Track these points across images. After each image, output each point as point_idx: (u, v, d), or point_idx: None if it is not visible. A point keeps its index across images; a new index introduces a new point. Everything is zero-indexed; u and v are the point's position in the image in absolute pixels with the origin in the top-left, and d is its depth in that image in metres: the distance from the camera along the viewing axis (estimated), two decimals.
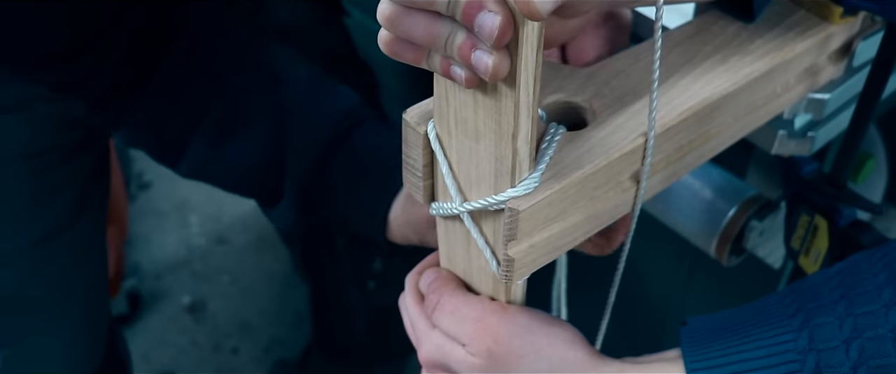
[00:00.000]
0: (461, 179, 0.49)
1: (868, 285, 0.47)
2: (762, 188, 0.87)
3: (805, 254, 0.76)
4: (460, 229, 0.52)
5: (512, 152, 0.45)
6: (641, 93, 0.54)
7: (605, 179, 0.51)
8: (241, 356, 1.72)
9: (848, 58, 0.67)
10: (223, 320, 1.79)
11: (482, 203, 0.48)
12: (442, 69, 0.42)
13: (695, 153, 0.57)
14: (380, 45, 0.42)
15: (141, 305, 1.80)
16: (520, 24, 0.39)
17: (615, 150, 0.50)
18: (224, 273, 1.88)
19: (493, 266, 0.50)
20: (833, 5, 0.61)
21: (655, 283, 1.09)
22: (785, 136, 0.74)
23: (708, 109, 0.55)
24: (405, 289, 0.59)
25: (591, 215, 0.52)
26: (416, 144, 0.50)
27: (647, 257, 1.05)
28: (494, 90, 0.43)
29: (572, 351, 0.51)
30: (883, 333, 0.45)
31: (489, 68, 0.39)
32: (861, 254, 0.50)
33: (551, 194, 0.48)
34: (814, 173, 0.74)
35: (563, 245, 0.51)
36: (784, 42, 0.60)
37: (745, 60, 0.58)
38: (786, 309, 0.48)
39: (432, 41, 0.40)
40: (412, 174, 0.52)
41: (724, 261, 0.85)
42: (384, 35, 0.42)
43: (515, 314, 0.52)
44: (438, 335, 0.54)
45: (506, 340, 0.51)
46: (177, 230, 1.98)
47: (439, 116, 0.48)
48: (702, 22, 0.61)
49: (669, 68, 0.56)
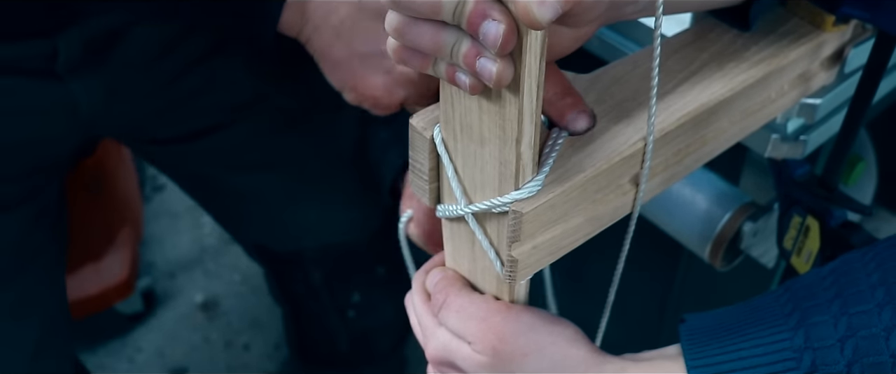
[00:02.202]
0: (466, 183, 0.49)
1: (861, 285, 0.47)
2: (755, 190, 0.87)
3: (797, 254, 0.75)
4: (465, 230, 0.51)
5: (516, 157, 0.45)
6: (640, 99, 0.54)
7: (606, 182, 0.51)
8: (253, 353, 1.71)
9: (840, 64, 0.66)
10: (235, 317, 1.78)
11: (487, 205, 0.47)
12: (448, 76, 0.41)
13: (692, 157, 0.57)
14: (389, 52, 0.42)
15: (155, 302, 1.80)
16: (523, 34, 0.39)
17: (615, 154, 0.50)
18: (235, 272, 1.87)
19: (497, 267, 0.50)
20: (825, 14, 0.61)
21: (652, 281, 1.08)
22: (778, 139, 0.74)
23: (705, 114, 0.55)
24: (412, 288, 0.59)
25: (592, 217, 0.51)
26: (422, 149, 0.50)
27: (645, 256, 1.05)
28: (499, 97, 0.43)
29: (575, 349, 0.51)
30: (876, 331, 0.44)
31: (493, 75, 0.39)
32: (853, 253, 0.50)
33: (554, 197, 0.48)
34: (806, 176, 0.74)
35: (565, 246, 0.51)
36: (778, 49, 0.59)
37: (741, 67, 0.57)
38: (782, 308, 0.48)
39: (438, 49, 0.40)
40: (418, 177, 0.52)
41: (718, 265, 0.85)
42: (392, 43, 0.42)
43: (519, 313, 0.52)
44: (444, 333, 0.54)
45: (510, 338, 0.51)
46: (190, 231, 1.98)
47: (445, 122, 0.47)
48: (699, 30, 0.61)
49: (668, 75, 0.56)
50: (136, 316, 1.75)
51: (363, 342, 1.35)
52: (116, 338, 1.72)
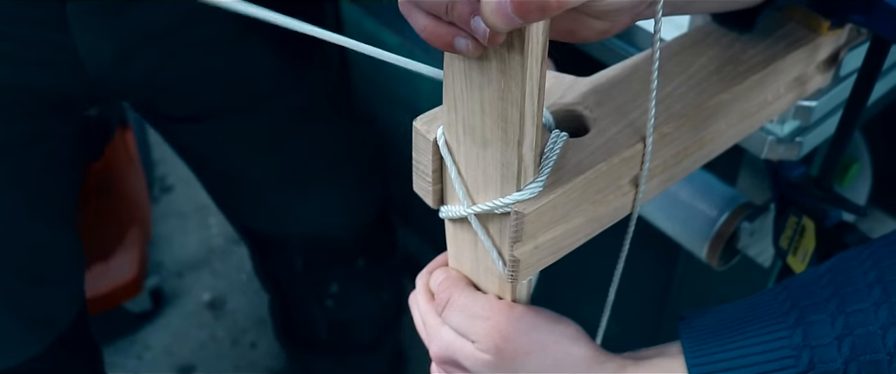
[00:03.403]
0: (469, 184, 0.49)
1: (858, 284, 0.46)
2: (752, 191, 0.86)
3: (793, 253, 0.75)
4: (468, 230, 0.51)
5: (517, 159, 0.44)
6: (640, 101, 0.53)
7: (606, 183, 0.51)
8: (259, 350, 1.71)
9: (835, 68, 0.66)
10: (241, 315, 1.78)
11: (489, 206, 0.47)
12: (447, 42, 0.40)
13: (691, 158, 0.57)
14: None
15: (163, 301, 1.80)
16: (526, 38, 0.39)
17: (615, 155, 0.50)
18: (242, 271, 1.87)
19: (500, 266, 0.50)
20: (821, 18, 0.60)
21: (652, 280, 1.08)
22: (774, 141, 0.74)
23: (703, 116, 0.55)
24: (416, 287, 0.59)
25: (592, 218, 0.51)
26: (426, 151, 0.50)
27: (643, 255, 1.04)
28: (501, 100, 0.42)
29: (576, 347, 0.51)
30: (873, 330, 0.44)
31: (487, 34, 0.38)
32: (850, 252, 0.50)
33: (555, 198, 0.47)
34: (802, 177, 0.74)
35: (566, 246, 0.51)
36: (775, 53, 0.59)
37: (738, 70, 0.57)
38: (780, 306, 0.48)
39: (435, 6, 0.39)
40: (422, 179, 0.52)
41: (715, 264, 0.85)
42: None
43: (522, 312, 0.52)
44: (448, 331, 0.54)
45: (513, 337, 0.51)
46: (197, 231, 1.98)
47: (448, 124, 0.47)
48: (697, 33, 0.61)
49: (666, 78, 0.56)
50: (144, 315, 1.75)
51: (342, 331, 1.33)
52: (125, 336, 1.72)
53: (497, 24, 0.36)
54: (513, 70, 0.41)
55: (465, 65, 0.43)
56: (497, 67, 0.42)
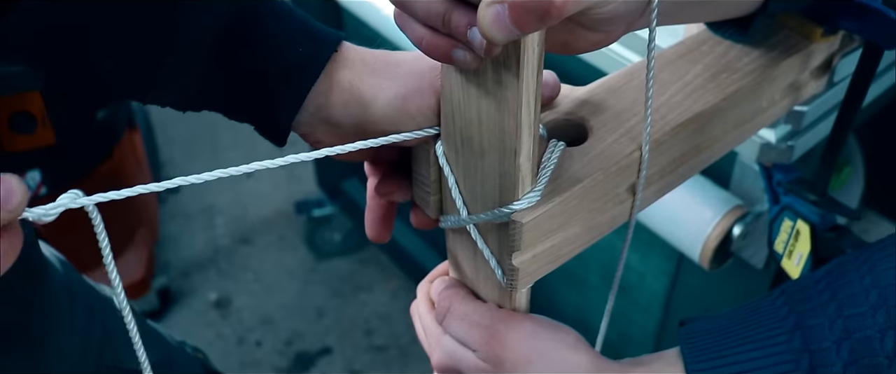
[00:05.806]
0: (467, 194, 0.48)
1: (855, 288, 0.45)
2: (744, 194, 0.85)
3: (788, 257, 0.74)
4: (467, 240, 0.50)
5: (515, 169, 0.43)
6: (636, 109, 0.52)
7: (603, 191, 0.49)
8: (264, 349, 1.70)
9: (828, 74, 0.65)
10: (247, 314, 1.77)
11: (488, 216, 0.46)
12: (444, 53, 0.39)
13: (687, 165, 0.55)
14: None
15: (170, 300, 1.79)
16: (521, 48, 0.38)
17: (612, 164, 0.49)
18: (248, 271, 1.86)
19: (499, 275, 0.49)
20: (814, 25, 0.59)
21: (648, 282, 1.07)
22: (766, 145, 0.73)
23: (699, 124, 0.53)
24: (417, 297, 0.58)
25: (590, 226, 0.50)
26: (425, 161, 0.49)
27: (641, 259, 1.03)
28: (498, 111, 0.41)
29: (576, 355, 0.50)
30: (871, 334, 0.43)
31: (483, 45, 0.37)
32: (846, 256, 0.49)
33: (552, 207, 0.46)
34: (795, 180, 0.72)
35: (565, 255, 0.50)
36: (769, 60, 0.58)
37: (733, 77, 0.56)
38: (778, 311, 0.47)
39: (430, 17, 0.38)
40: (422, 189, 0.50)
41: (707, 267, 0.84)
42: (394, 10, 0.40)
43: (522, 321, 0.51)
44: (449, 340, 0.53)
45: (513, 345, 0.50)
46: (204, 231, 1.97)
47: (446, 135, 0.46)
48: (692, 42, 0.59)
49: (662, 86, 0.55)
50: (152, 314, 1.74)
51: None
52: None
53: (495, 35, 0.35)
54: (509, 81, 0.40)
55: (462, 76, 0.42)
56: (493, 78, 0.41)
